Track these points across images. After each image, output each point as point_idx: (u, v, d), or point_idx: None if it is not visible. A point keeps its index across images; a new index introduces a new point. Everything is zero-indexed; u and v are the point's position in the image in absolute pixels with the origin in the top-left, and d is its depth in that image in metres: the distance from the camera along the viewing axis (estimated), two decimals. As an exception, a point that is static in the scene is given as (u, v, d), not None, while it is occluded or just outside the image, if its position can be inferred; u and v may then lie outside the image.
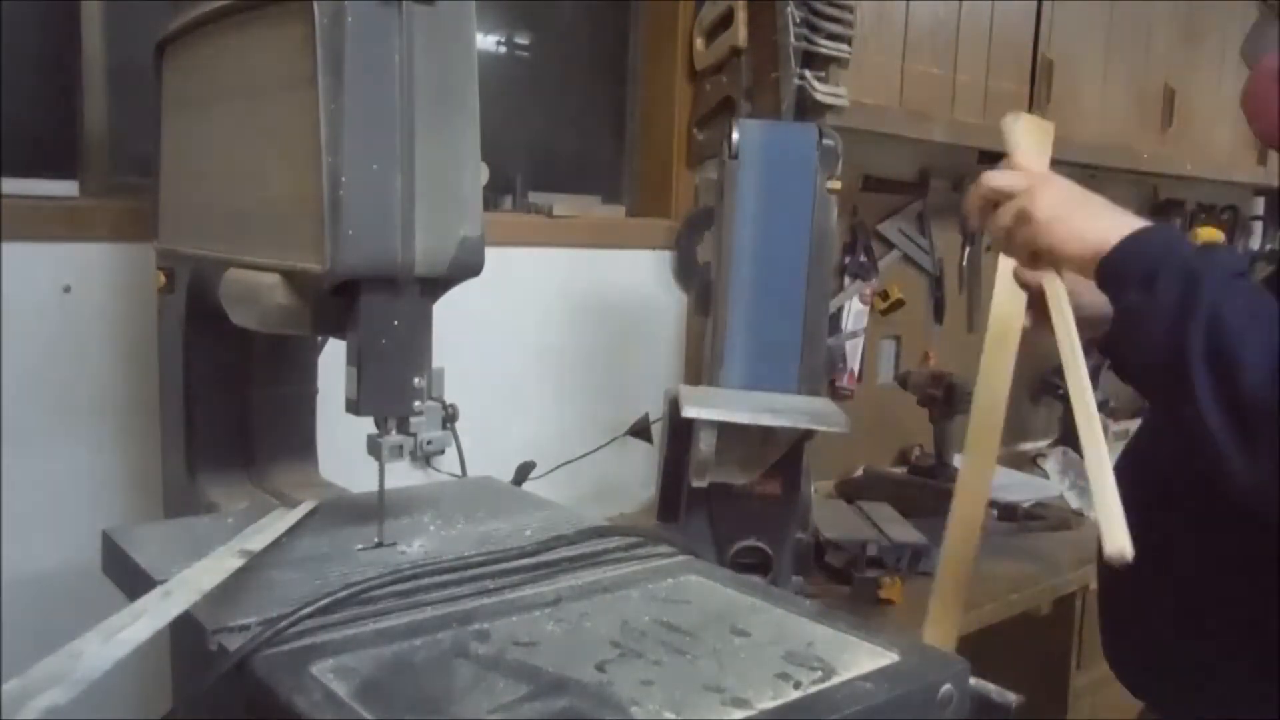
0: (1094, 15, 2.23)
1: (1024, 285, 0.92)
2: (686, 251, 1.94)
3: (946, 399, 2.05)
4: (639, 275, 1.92)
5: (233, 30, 0.94)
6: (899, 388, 2.17)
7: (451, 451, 1.65)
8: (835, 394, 2.10)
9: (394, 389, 0.84)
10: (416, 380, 0.85)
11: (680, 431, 1.33)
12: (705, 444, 1.23)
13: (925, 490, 1.98)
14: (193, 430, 1.11)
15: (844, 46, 1.71)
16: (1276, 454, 0.72)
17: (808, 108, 1.72)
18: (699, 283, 1.93)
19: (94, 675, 0.59)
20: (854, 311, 2.16)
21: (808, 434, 1.28)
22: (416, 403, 0.85)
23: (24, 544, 1.27)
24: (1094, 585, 1.08)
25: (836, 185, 1.36)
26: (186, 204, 1.07)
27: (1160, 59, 2.43)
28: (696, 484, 1.31)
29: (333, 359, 0.97)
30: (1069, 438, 2.28)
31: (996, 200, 0.91)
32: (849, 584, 1.49)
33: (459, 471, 1.64)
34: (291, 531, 0.91)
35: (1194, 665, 0.94)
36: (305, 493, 1.06)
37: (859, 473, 2.15)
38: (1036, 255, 0.90)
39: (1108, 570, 0.88)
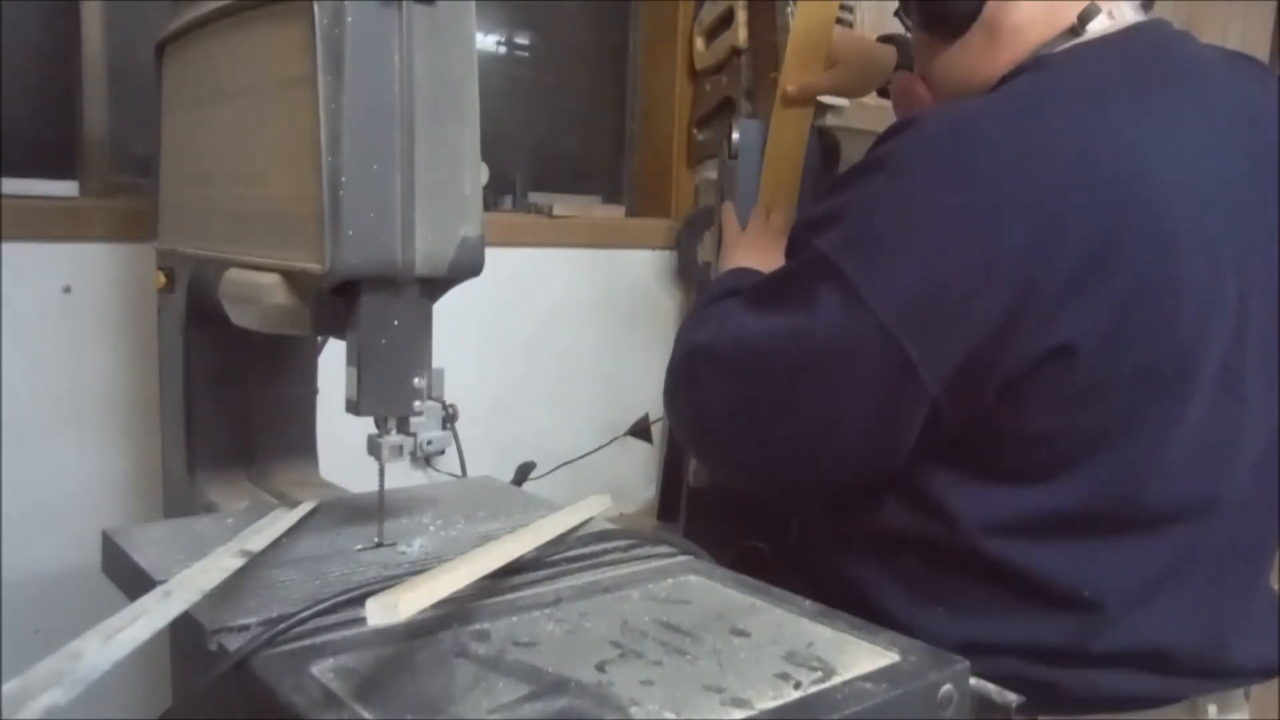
0: (1094, 15, 2.23)
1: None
2: (686, 251, 1.94)
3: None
4: (639, 275, 1.92)
5: (233, 30, 0.94)
6: (899, 387, 2.17)
7: (451, 451, 1.65)
8: (835, 394, 2.09)
9: (394, 389, 0.84)
10: (416, 380, 0.85)
11: (680, 431, 1.33)
12: (705, 444, 1.23)
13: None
14: (193, 430, 1.11)
15: (844, 46, 1.71)
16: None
17: (808, 108, 1.72)
18: (699, 283, 1.93)
19: (94, 675, 0.59)
20: (854, 311, 2.16)
21: (808, 434, 1.28)
22: (416, 403, 0.85)
23: (24, 544, 1.28)
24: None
25: (837, 185, 1.36)
26: (186, 204, 1.06)
27: (1160, 59, 2.42)
28: (696, 484, 1.31)
29: (333, 359, 0.97)
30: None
31: None
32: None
33: (459, 471, 1.64)
34: (291, 531, 0.91)
35: None
36: (305, 493, 1.06)
37: (859, 473, 2.15)
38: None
39: None
